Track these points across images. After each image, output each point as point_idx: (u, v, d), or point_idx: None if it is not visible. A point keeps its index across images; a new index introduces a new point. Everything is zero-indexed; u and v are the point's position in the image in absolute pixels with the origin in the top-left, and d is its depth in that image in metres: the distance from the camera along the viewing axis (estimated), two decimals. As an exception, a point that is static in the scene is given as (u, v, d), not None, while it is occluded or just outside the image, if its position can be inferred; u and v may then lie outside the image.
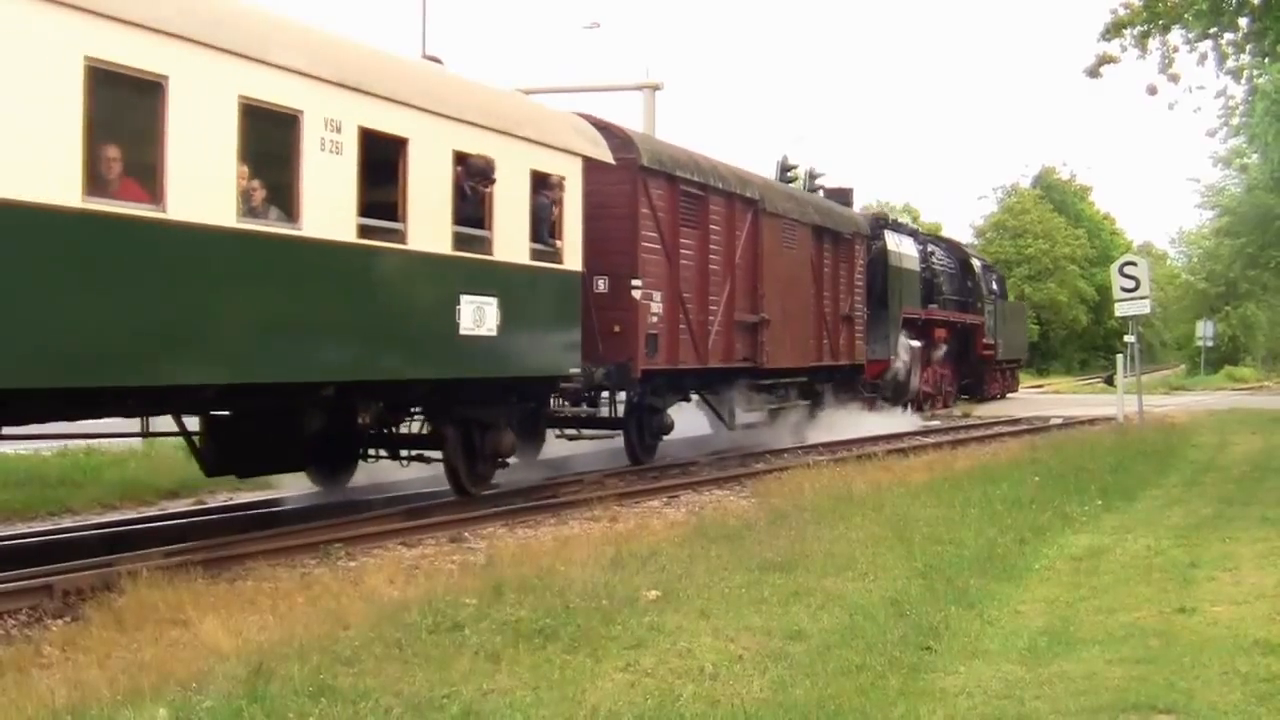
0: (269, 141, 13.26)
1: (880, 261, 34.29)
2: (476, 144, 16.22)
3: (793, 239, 26.87)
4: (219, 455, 15.57)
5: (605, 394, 21.49)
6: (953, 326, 41.98)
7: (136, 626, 10.24)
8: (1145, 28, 20.81)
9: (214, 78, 12.39)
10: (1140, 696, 7.50)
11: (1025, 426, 32.86)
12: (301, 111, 13.46)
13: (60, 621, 11.01)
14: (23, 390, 11.04)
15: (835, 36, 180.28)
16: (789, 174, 34.71)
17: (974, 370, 45.62)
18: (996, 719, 7.16)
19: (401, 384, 15.92)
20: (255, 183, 13.06)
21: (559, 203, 18.06)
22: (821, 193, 35.05)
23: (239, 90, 12.66)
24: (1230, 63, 22.18)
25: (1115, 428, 28.73)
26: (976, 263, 46.66)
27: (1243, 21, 21.06)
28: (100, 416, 13.59)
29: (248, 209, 12.93)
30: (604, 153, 19.27)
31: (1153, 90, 21.84)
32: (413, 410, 17.73)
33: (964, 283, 44.10)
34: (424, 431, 18.06)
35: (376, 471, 18.85)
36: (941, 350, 40.59)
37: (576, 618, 9.20)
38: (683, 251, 22.28)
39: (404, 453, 18.04)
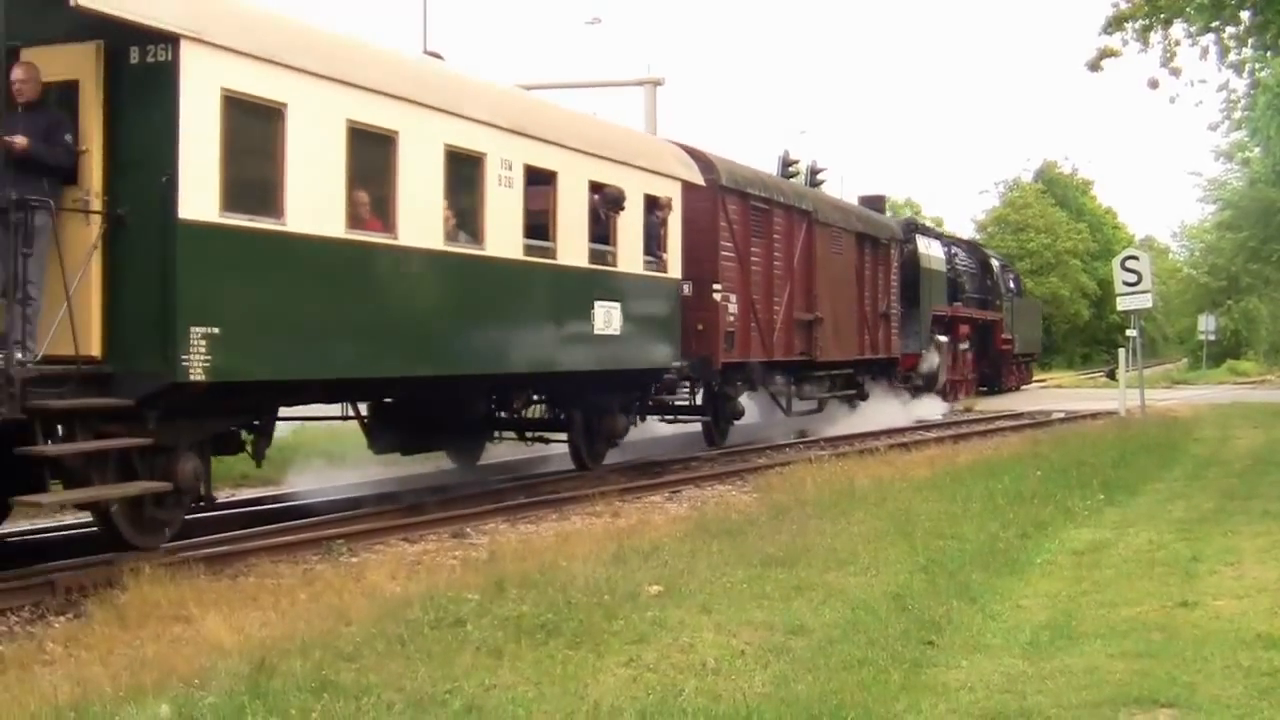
0: (462, 179, 16.13)
1: (912, 263, 36.88)
2: (607, 175, 19.31)
3: (840, 245, 29.93)
4: (388, 436, 18.32)
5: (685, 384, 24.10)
6: (975, 323, 44.58)
7: (139, 623, 10.25)
8: (1147, 21, 20.81)
9: (429, 130, 15.43)
10: (1142, 690, 7.49)
11: (1027, 421, 32.85)
12: (485, 154, 16.47)
13: (63, 618, 11.03)
14: (310, 381, 14.43)
15: (837, 30, 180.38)
16: (790, 168, 34.59)
17: (993, 363, 48.17)
18: (998, 713, 7.15)
19: (544, 376, 18.88)
20: (450, 213, 15.83)
21: (664, 221, 21.03)
22: (857, 200, 37.96)
23: (445, 140, 15.66)
24: (1232, 56, 22.20)
25: (1117, 422, 28.72)
26: (995, 262, 49.36)
27: (1244, 15, 21.07)
28: (305, 404, 16.31)
29: (448, 235, 15.80)
30: (697, 176, 22.32)
31: (1154, 84, 21.84)
32: (535, 398, 20.58)
33: (984, 281, 46.73)
34: (547, 417, 21.20)
35: (494, 453, 22.12)
36: (965, 344, 43.21)
37: (578, 613, 9.20)
38: (752, 258, 25.04)
39: (529, 434, 21.20)
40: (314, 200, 13.58)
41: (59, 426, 11.72)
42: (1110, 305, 63.68)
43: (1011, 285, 51.39)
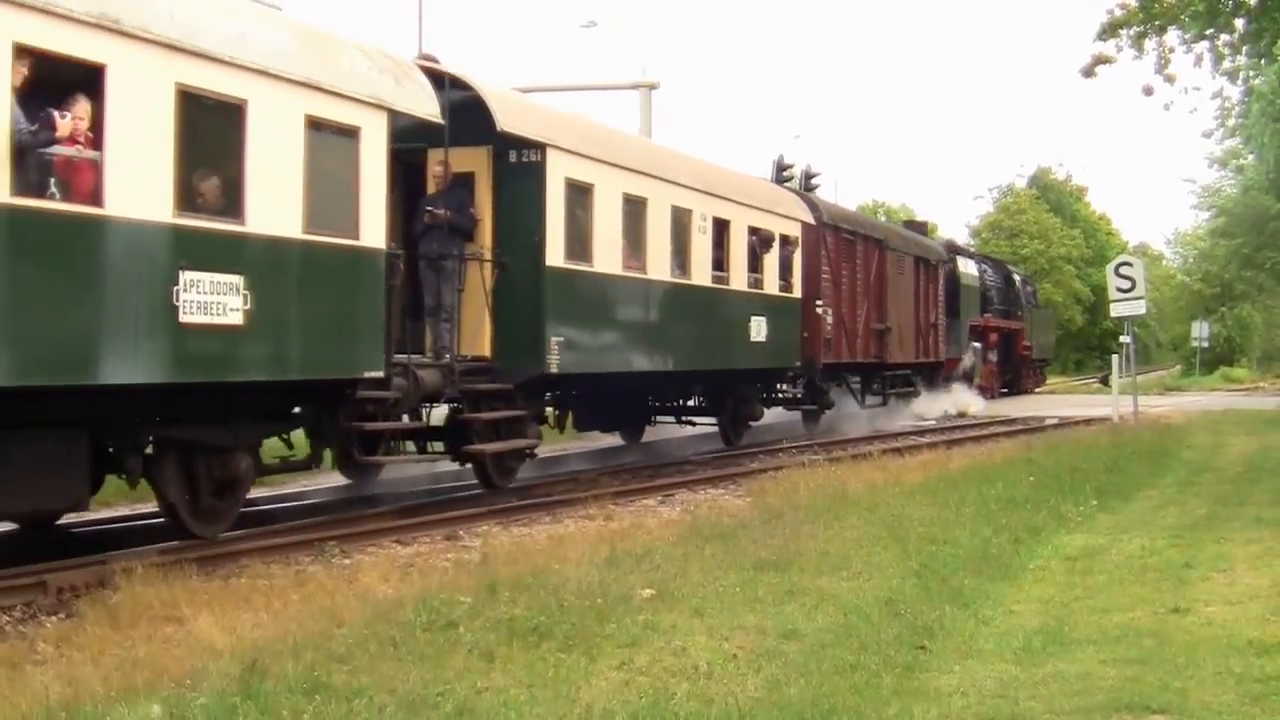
0: (679, 228, 22.12)
1: (953, 280, 42.73)
2: (758, 220, 25.53)
3: (902, 267, 35.68)
4: (590, 419, 24.62)
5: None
6: (1001, 331, 50.72)
7: (131, 623, 10.24)
8: (1141, 28, 20.83)
9: (663, 195, 21.48)
10: (1134, 696, 7.50)
11: (1020, 426, 32.87)
12: (692, 210, 22.52)
13: (55, 618, 11.01)
14: (609, 374, 20.56)
15: (831, 35, 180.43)
16: (785, 173, 34.64)
17: (1014, 367, 53.60)
18: (991, 718, 7.16)
19: (721, 372, 24.74)
20: (673, 253, 21.79)
21: (793, 254, 27.31)
22: (903, 224, 45.94)
23: (671, 201, 21.75)
24: (1226, 64, 22.23)
25: (1110, 428, 28.72)
26: (1017, 277, 55.68)
27: (1239, 23, 21.08)
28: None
29: (672, 271, 21.79)
30: (809, 217, 28.60)
31: (1149, 91, 21.87)
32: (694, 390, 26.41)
33: (1008, 294, 52.62)
34: (704, 405, 26.70)
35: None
36: (993, 350, 49.41)
37: (571, 616, 9.21)
38: (842, 279, 30.79)
39: (686, 419, 27.13)
40: (611, 249, 19.78)
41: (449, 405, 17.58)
42: (1104, 311, 63.66)
43: (1030, 297, 57.17)
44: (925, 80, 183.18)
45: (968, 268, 45.77)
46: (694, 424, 27.25)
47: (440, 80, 16.78)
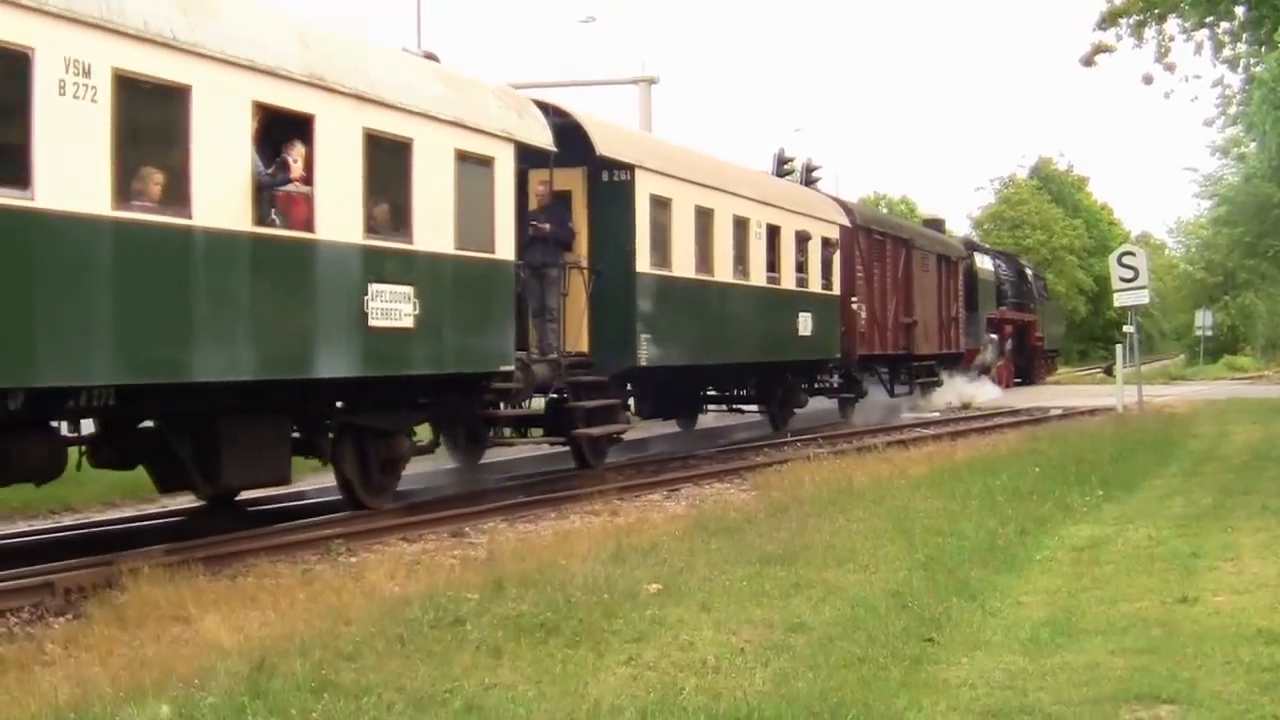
0: (740, 235, 24.65)
1: (971, 275, 45.03)
2: (804, 225, 28.06)
3: (927, 264, 37.90)
4: (650, 406, 26.54)
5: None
6: (1015, 323, 53.32)
7: (138, 624, 10.24)
8: (1141, 17, 20.83)
9: (728, 206, 24.22)
10: (1143, 687, 7.49)
11: (1025, 417, 32.87)
12: (749, 218, 25.08)
13: (62, 619, 11.02)
14: (688, 366, 23.33)
15: (831, 28, 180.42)
16: (785, 166, 34.67)
17: (1027, 357, 56.03)
18: (999, 710, 7.15)
19: (773, 364, 27.34)
20: (734, 257, 24.43)
21: (833, 256, 29.81)
22: (920, 222, 47.30)
23: (733, 211, 24.40)
24: (1227, 51, 22.25)
25: (1115, 418, 28.74)
26: (1028, 271, 58.73)
27: (1239, 10, 21.09)
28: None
29: (734, 273, 24.42)
30: (845, 220, 31.14)
31: (1149, 79, 21.88)
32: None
33: (1020, 288, 55.13)
34: (752, 394, 29.00)
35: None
36: (1008, 341, 51.87)
37: (578, 612, 9.20)
38: (874, 277, 33.04)
39: (735, 407, 29.73)
40: (686, 255, 22.49)
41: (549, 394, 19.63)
42: (1107, 301, 63.59)
43: (1041, 291, 60.09)
44: (925, 71, 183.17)
45: (984, 263, 48.48)
46: (742, 411, 29.86)
47: (545, 110, 19.29)
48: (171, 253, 12.29)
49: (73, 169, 11.19)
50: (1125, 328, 37.74)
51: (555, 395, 19.75)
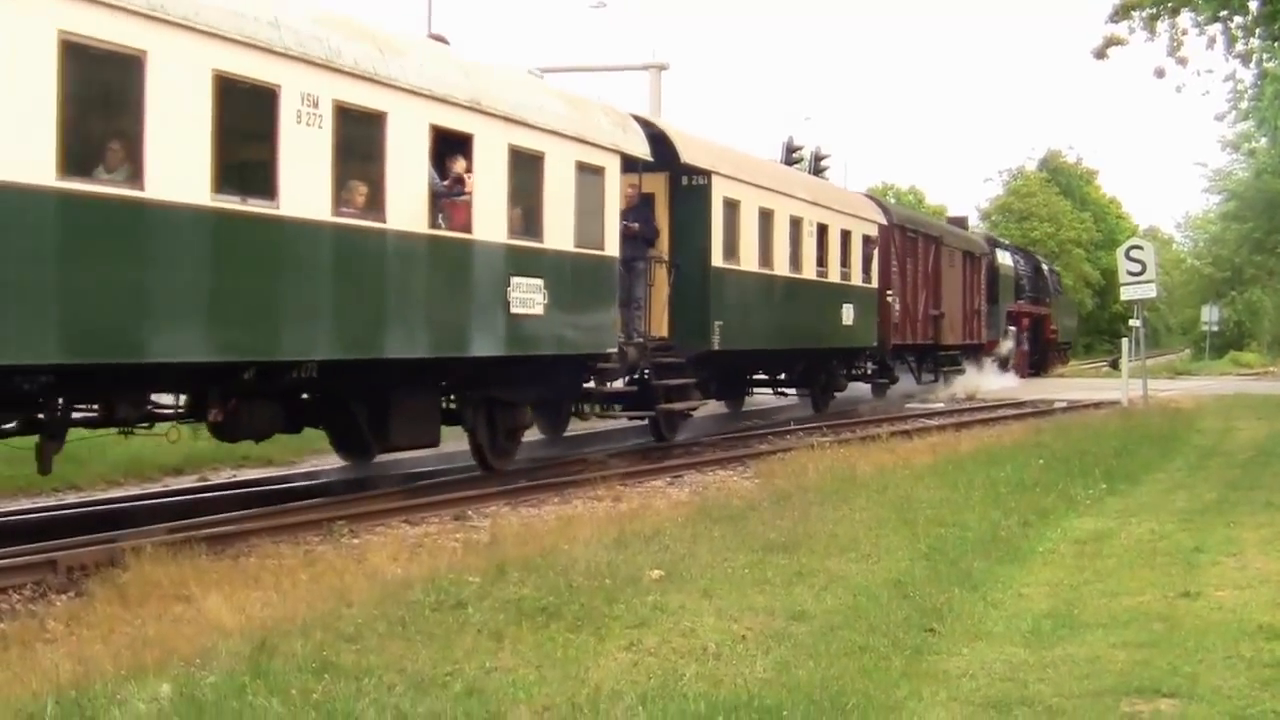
0: (795, 234, 27.31)
1: (993, 270, 47.08)
2: (849, 225, 30.81)
3: (954, 260, 40.44)
4: (713, 389, 27.25)
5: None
6: (1031, 316, 55.50)
7: (140, 602, 10.26)
8: (1154, 10, 20.74)
9: (784, 207, 26.91)
10: (1144, 680, 7.49)
11: (1029, 409, 32.79)
12: (803, 218, 27.83)
13: (64, 597, 11.05)
14: (755, 351, 26.75)
15: (841, 16, 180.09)
16: (794, 154, 34.65)
17: (1042, 348, 58.15)
18: (1000, 701, 7.15)
19: (821, 350, 30.13)
20: (791, 253, 27.24)
21: (873, 253, 32.51)
22: (946, 219, 51.54)
23: (790, 211, 27.02)
24: (1239, 46, 22.16)
25: (1120, 412, 28.68)
26: (1044, 266, 61.13)
27: (1252, 5, 21.01)
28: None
29: (790, 266, 27.25)
30: (882, 219, 34.00)
31: (1160, 73, 21.84)
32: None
33: (1037, 282, 57.14)
34: (797, 378, 31.48)
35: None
36: (1025, 333, 53.95)
37: (580, 597, 9.21)
38: (906, 271, 35.49)
39: (779, 390, 32.07)
40: (751, 251, 25.14)
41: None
42: (1114, 295, 63.79)
43: (1056, 285, 62.30)
44: (936, 62, 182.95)
45: (1004, 259, 50.47)
46: (785, 394, 32.29)
47: (639, 123, 21.88)
48: (371, 251, 14.94)
49: (306, 184, 13.76)
50: (1131, 322, 37.71)
51: (639, 375, 22.19)
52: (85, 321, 11.53)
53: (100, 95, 11.90)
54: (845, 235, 30.44)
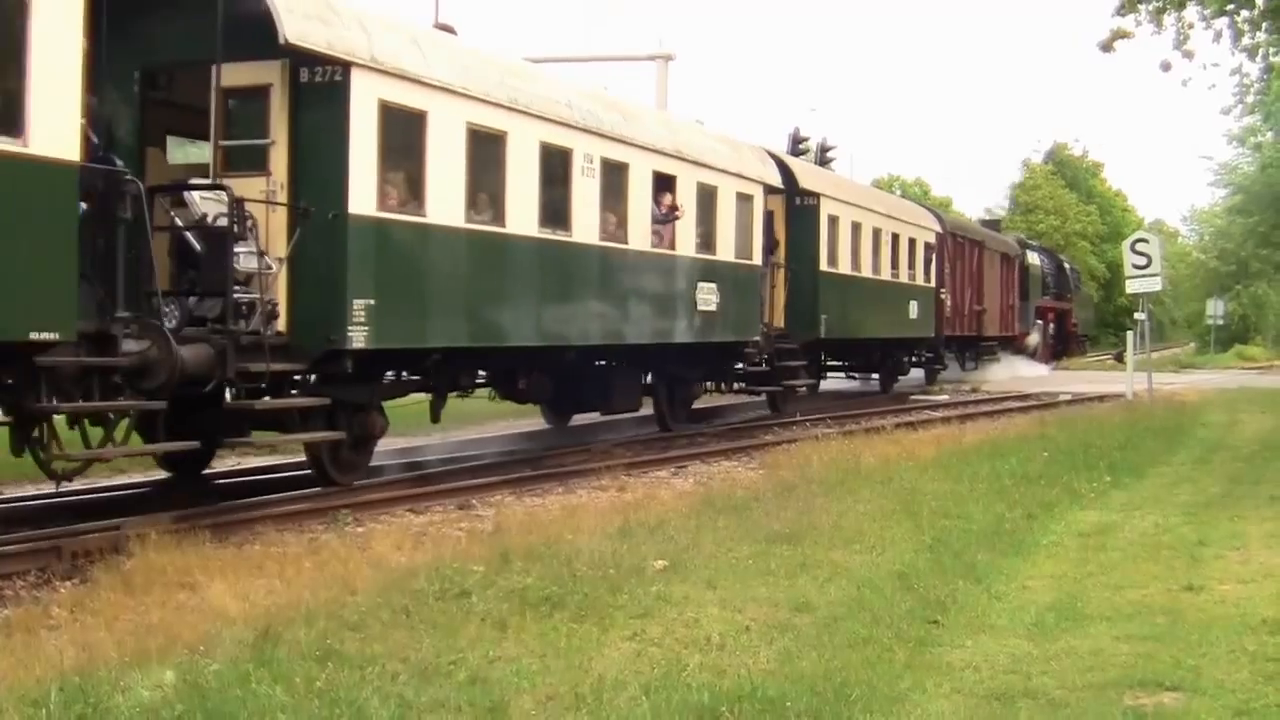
0: (878, 242, 32.44)
1: (1024, 269, 51.80)
2: (916, 234, 35.80)
3: (993, 261, 45.57)
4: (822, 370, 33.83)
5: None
6: (1055, 311, 60.05)
7: (144, 589, 10.26)
8: (1161, 3, 20.70)
9: (869, 220, 31.82)
10: (1147, 674, 7.49)
11: (1034, 402, 32.78)
12: (882, 228, 32.77)
13: (68, 583, 11.05)
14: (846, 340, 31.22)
15: (849, 7, 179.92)
16: (801, 145, 34.63)
17: (1064, 340, 62.26)
18: (1003, 693, 7.15)
19: (892, 340, 35.21)
20: (875, 260, 32.28)
21: (932, 257, 37.26)
22: (979, 223, 56.18)
23: (873, 225, 32.04)
24: (1246, 40, 22.08)
25: (1124, 405, 28.67)
26: (1066, 264, 65.43)
27: (1259, -1, 20.95)
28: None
29: (873, 269, 32.05)
30: (939, 228, 38.90)
31: (1167, 66, 21.73)
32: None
33: (1060, 279, 61.61)
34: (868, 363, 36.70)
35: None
36: (1050, 327, 58.86)
37: (583, 586, 9.21)
38: (956, 272, 40.67)
39: (851, 374, 37.51)
40: (848, 256, 30.18)
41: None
42: (1119, 288, 63.71)
43: (1076, 282, 66.65)
44: (942, 53, 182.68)
45: (1033, 259, 55.20)
46: (855, 378, 37.79)
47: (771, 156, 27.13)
48: (620, 265, 20.09)
49: (586, 218, 19.01)
50: (1137, 315, 37.77)
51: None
52: (479, 318, 16.84)
53: (481, 162, 16.60)
54: (911, 242, 35.51)
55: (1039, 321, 55.32)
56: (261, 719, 6.47)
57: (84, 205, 11.45)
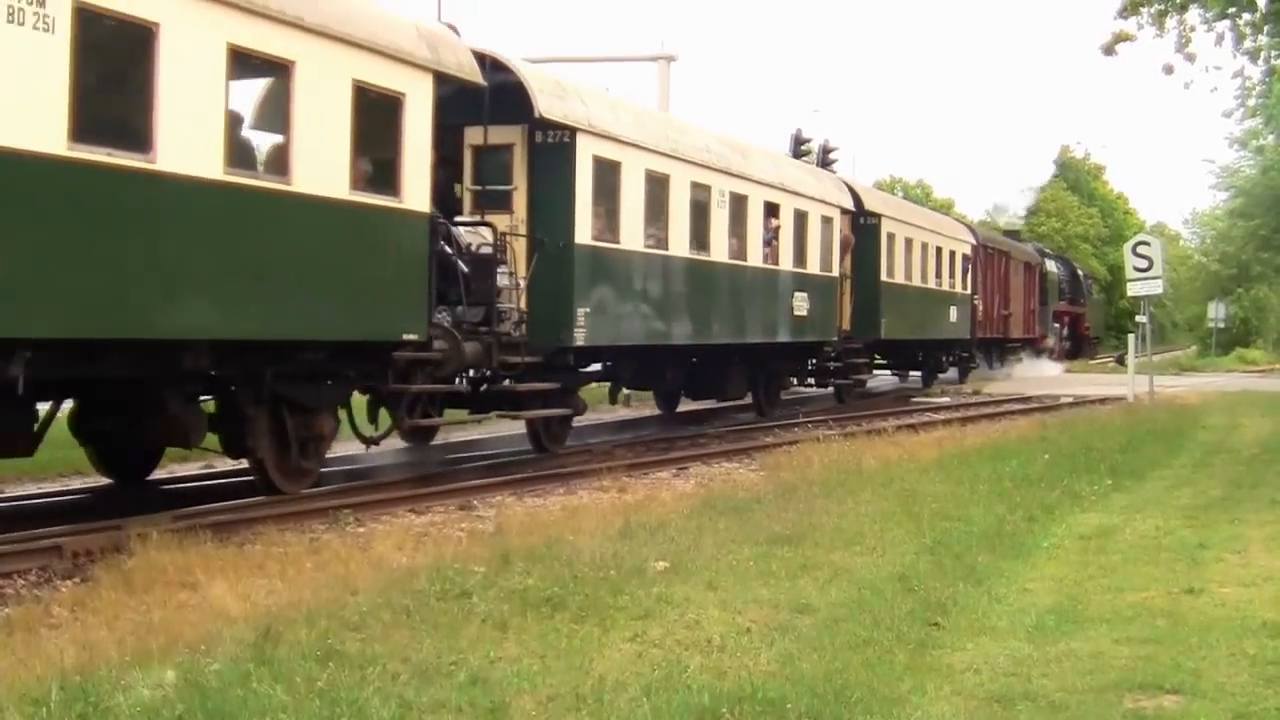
0: (926, 256, 37.29)
1: (1043, 277, 56.13)
2: (954, 246, 40.77)
3: (1017, 270, 50.46)
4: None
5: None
6: (1070, 315, 64.02)
7: (145, 589, 10.27)
8: (1162, 6, 20.69)
9: (919, 236, 36.99)
10: (1147, 676, 7.49)
11: (1035, 405, 32.79)
12: (929, 243, 37.51)
13: (69, 582, 11.06)
14: (905, 341, 36.59)
15: (851, 8, 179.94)
16: (803, 147, 34.67)
17: (1077, 342, 66.15)
18: (1003, 696, 7.15)
19: (933, 340, 39.61)
20: (921, 266, 37.45)
21: (969, 267, 41.98)
22: (1002, 233, 58.11)
23: (922, 240, 37.27)
24: (1248, 43, 22.07)
25: (1125, 407, 28.68)
26: (1080, 272, 69.54)
27: (1260, 2, 20.94)
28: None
29: (922, 278, 37.15)
30: (973, 241, 43.33)
31: (1169, 70, 21.72)
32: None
33: (1074, 285, 65.77)
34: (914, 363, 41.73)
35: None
36: (1065, 330, 62.87)
37: (584, 587, 9.21)
38: (986, 280, 45.19)
39: (896, 371, 42.41)
40: (903, 268, 34.96)
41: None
42: (1120, 291, 63.78)
43: (1089, 287, 70.53)
44: (944, 54, 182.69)
45: (1051, 267, 59.70)
46: (905, 376, 42.49)
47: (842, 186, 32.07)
48: (744, 278, 24.81)
49: (720, 244, 23.86)
50: (1138, 317, 37.81)
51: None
52: (652, 321, 21.48)
53: (653, 199, 21.24)
54: (951, 255, 40.16)
55: (1056, 325, 59.65)
56: (262, 719, 6.47)
57: None
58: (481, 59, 17.06)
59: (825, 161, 35.69)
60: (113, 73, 11.80)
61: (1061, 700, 7.09)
